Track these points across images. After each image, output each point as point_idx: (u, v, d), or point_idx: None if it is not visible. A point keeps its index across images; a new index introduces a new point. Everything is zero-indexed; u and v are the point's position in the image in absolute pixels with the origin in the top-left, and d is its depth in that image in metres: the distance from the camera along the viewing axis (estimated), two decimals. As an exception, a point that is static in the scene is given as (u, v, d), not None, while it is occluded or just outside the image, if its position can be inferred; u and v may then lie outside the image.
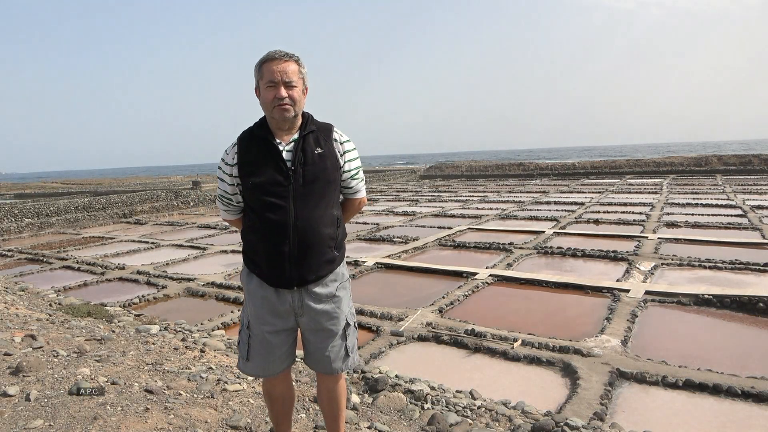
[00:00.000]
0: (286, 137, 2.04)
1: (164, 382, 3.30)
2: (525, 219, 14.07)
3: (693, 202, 15.83)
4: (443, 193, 23.13)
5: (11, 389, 2.91)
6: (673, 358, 4.64)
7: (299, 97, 2.00)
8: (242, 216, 2.20)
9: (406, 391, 3.58)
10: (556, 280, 7.26)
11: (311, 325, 2.10)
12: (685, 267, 7.95)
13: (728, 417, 3.68)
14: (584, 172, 32.28)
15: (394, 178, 36.70)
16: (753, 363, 4.56)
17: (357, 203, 2.28)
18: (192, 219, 17.53)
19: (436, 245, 10.69)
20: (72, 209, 17.72)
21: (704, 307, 6.04)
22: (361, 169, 2.22)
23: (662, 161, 32.20)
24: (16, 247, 12.74)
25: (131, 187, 35.10)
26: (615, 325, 5.48)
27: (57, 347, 3.89)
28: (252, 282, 2.10)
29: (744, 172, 27.81)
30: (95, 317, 5.63)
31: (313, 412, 3.09)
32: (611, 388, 4.10)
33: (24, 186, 48.41)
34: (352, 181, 2.18)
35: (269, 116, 2.03)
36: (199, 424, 2.71)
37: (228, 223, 2.32)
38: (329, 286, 2.10)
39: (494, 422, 3.27)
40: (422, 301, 6.64)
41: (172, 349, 4.19)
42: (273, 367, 2.15)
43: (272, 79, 1.95)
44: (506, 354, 4.85)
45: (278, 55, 1.97)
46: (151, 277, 8.70)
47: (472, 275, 7.77)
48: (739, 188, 19.85)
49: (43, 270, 9.84)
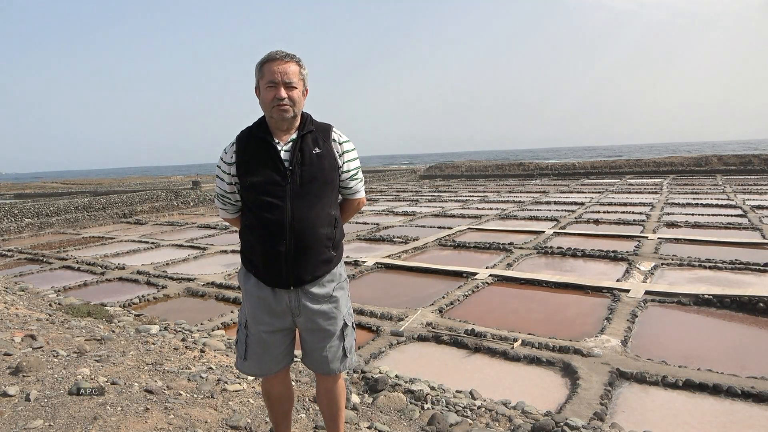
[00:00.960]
0: (284, 137, 2.04)
1: (164, 382, 3.30)
2: (525, 219, 14.07)
3: (693, 202, 15.83)
4: (443, 193, 23.13)
5: (11, 389, 2.91)
6: (673, 358, 4.64)
7: (299, 98, 2.00)
8: (240, 215, 2.21)
9: (406, 391, 3.58)
10: (556, 280, 7.26)
11: (308, 325, 2.10)
12: (685, 267, 7.95)
13: (728, 417, 3.68)
14: (584, 172, 32.29)
15: (394, 178, 36.70)
16: (753, 363, 4.56)
17: (356, 204, 2.27)
18: (192, 219, 17.53)
19: (436, 245, 10.69)
20: (72, 209, 17.72)
21: (704, 307, 6.04)
22: (360, 170, 2.22)
23: (662, 161, 32.19)
24: (16, 247, 12.74)
25: (131, 187, 35.09)
26: (615, 325, 5.48)
27: (57, 347, 3.89)
28: (249, 281, 2.10)
29: (744, 172, 27.82)
30: (95, 317, 5.63)
31: (313, 412, 3.09)
32: (611, 388, 4.10)
33: (24, 186, 48.39)
34: (351, 182, 2.18)
35: (268, 116, 2.03)
36: (199, 424, 2.71)
37: (227, 222, 2.32)
38: (326, 286, 2.09)
39: (494, 422, 3.27)
40: (422, 301, 6.64)
41: (172, 349, 4.19)
42: (270, 366, 2.15)
43: (272, 80, 1.95)
44: (506, 354, 4.85)
45: (279, 55, 1.96)
46: (151, 277, 8.70)
47: (472, 275, 7.77)
48: (739, 188, 19.85)
49: (43, 270, 9.84)
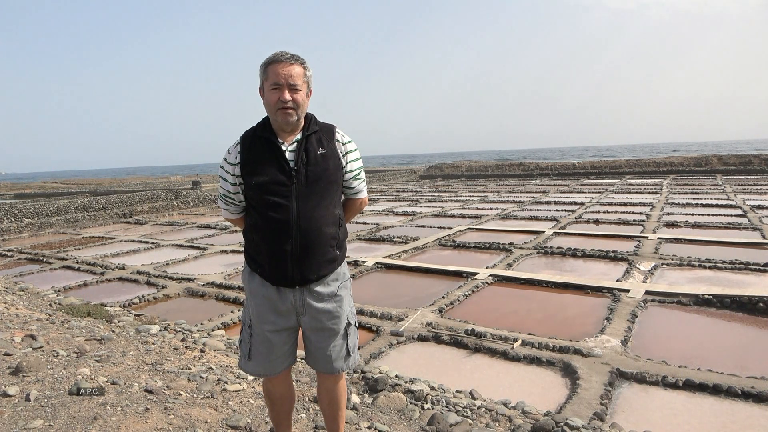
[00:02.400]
0: (288, 138, 2.05)
1: (164, 382, 3.30)
2: (525, 219, 14.07)
3: (693, 202, 15.83)
4: (443, 193, 23.13)
5: (11, 389, 2.91)
6: (673, 358, 4.64)
7: (303, 100, 2.01)
8: (244, 215, 2.21)
9: (406, 391, 3.58)
10: (556, 280, 7.26)
11: (313, 324, 2.11)
12: (685, 267, 7.95)
13: (728, 417, 3.68)
14: (584, 172, 32.28)
15: (394, 178, 36.70)
16: (753, 363, 4.56)
17: (358, 203, 2.28)
18: (192, 219, 17.53)
19: (436, 245, 10.69)
20: (72, 209, 17.72)
21: (704, 307, 6.04)
22: (362, 170, 2.23)
23: (662, 161, 32.18)
24: (16, 247, 12.74)
25: (131, 187, 35.09)
26: (615, 325, 5.48)
27: (57, 347, 3.89)
28: (254, 281, 2.11)
29: (744, 172, 27.82)
30: (95, 317, 5.63)
31: (313, 412, 3.10)
32: (611, 388, 4.10)
33: (24, 186, 48.37)
34: (354, 182, 2.19)
35: (272, 117, 2.04)
36: (199, 424, 2.71)
37: (229, 222, 2.31)
38: (331, 285, 2.11)
39: (494, 422, 3.27)
40: (422, 301, 6.64)
41: (172, 349, 4.19)
42: (274, 366, 2.16)
43: (277, 82, 1.96)
44: (506, 354, 4.85)
45: (284, 57, 1.96)
46: (151, 277, 8.70)
47: (472, 275, 7.77)
48: (739, 188, 19.85)
49: (43, 270, 9.84)
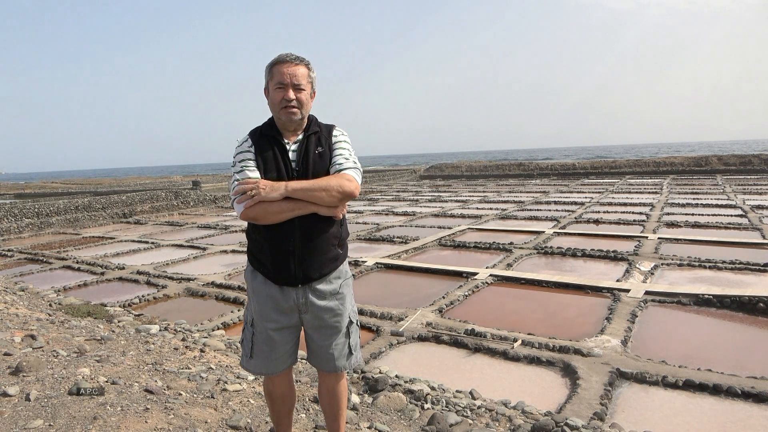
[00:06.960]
0: (292, 137, 2.10)
1: (164, 382, 3.30)
2: (525, 219, 14.07)
3: (693, 202, 15.83)
4: (443, 193, 23.13)
5: (11, 389, 2.91)
6: (673, 358, 4.64)
7: (306, 100, 2.06)
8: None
9: (406, 391, 3.58)
10: (556, 280, 7.26)
11: (315, 321, 2.12)
12: (685, 267, 7.95)
13: (728, 417, 3.68)
14: (584, 172, 32.29)
15: (394, 178, 36.71)
16: (753, 363, 4.56)
17: (345, 179, 2.04)
18: (192, 219, 17.53)
19: (436, 245, 10.69)
20: (72, 209, 17.72)
21: (704, 307, 6.04)
22: (348, 151, 2.11)
23: (662, 161, 32.19)
24: (16, 247, 12.74)
25: (131, 187, 35.08)
26: (615, 325, 5.48)
27: (57, 347, 3.89)
28: (256, 280, 2.13)
29: (744, 172, 27.81)
30: (95, 317, 5.63)
31: (313, 412, 3.10)
32: (611, 388, 4.10)
33: (24, 186, 48.37)
34: (335, 157, 2.07)
35: (276, 117, 2.09)
36: (199, 424, 2.71)
37: (243, 219, 2.10)
38: (333, 283, 2.13)
39: (494, 422, 3.27)
40: (422, 301, 6.64)
41: (172, 349, 4.19)
42: (276, 364, 2.17)
43: (281, 81, 2.01)
44: (506, 354, 4.85)
45: (289, 58, 2.02)
46: (151, 277, 8.70)
47: (472, 275, 7.77)
48: (739, 188, 19.84)
49: (43, 270, 9.84)
